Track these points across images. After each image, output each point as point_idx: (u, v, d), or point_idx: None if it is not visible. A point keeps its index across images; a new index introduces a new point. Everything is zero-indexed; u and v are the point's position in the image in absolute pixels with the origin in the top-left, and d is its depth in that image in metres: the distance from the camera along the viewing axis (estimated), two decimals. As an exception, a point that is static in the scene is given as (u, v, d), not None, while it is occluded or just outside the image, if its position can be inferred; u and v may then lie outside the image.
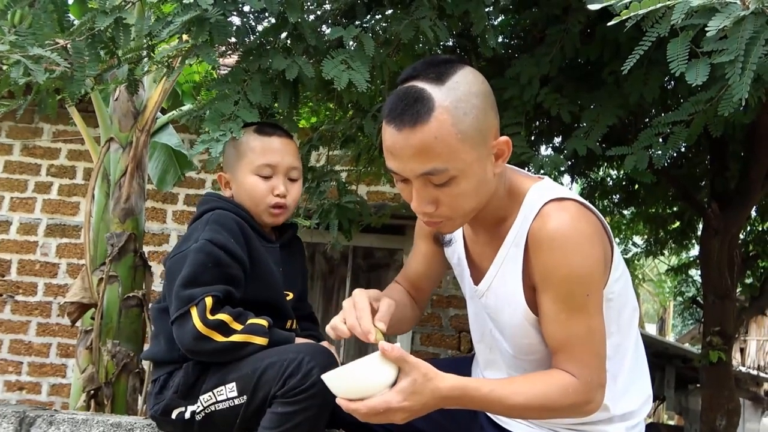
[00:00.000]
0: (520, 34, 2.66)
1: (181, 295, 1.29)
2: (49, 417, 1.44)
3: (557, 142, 3.09)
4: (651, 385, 1.33)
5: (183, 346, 1.29)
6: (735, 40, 1.06)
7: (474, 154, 1.08)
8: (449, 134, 1.05)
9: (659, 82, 2.07)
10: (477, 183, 1.10)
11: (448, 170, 1.06)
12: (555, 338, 1.15)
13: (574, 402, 1.13)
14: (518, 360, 1.27)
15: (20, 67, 1.41)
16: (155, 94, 3.33)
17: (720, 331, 3.12)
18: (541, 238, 1.13)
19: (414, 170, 1.07)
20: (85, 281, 3.13)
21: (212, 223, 1.36)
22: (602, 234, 1.17)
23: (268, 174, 1.44)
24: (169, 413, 1.33)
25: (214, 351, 1.28)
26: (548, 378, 1.14)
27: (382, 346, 1.00)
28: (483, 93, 1.11)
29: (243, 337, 1.28)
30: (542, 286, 1.15)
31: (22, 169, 5.12)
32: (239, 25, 1.72)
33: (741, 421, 3.61)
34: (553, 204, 1.15)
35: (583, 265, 1.12)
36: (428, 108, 1.04)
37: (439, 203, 1.11)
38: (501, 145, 1.12)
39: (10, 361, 4.91)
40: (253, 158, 1.44)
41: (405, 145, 1.06)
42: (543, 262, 1.13)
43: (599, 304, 1.15)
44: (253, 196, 1.44)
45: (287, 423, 1.21)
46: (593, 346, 1.14)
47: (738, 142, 3.01)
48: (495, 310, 1.25)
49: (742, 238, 3.79)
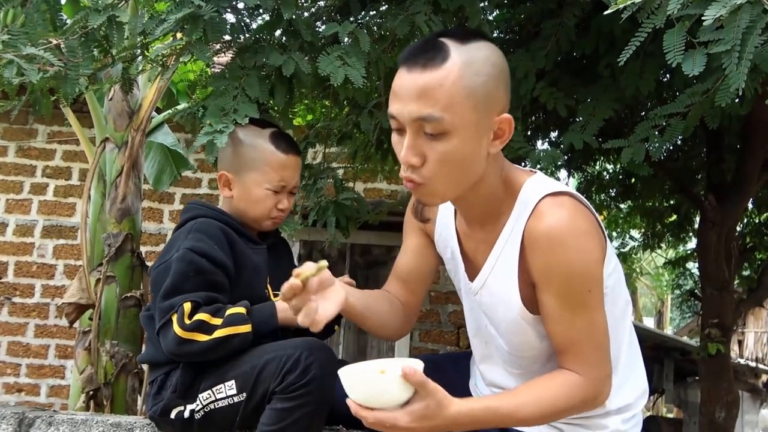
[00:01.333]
0: (515, 29, 2.66)
1: (162, 306, 1.31)
2: (48, 418, 1.44)
3: (553, 136, 3.10)
4: (647, 379, 1.33)
5: (170, 354, 1.31)
6: (731, 30, 1.06)
7: (473, 116, 1.06)
8: (455, 86, 1.04)
9: (655, 74, 2.07)
10: (468, 151, 1.08)
11: (443, 120, 1.04)
12: (560, 337, 1.15)
13: (582, 400, 1.14)
14: (513, 356, 1.26)
15: (13, 67, 1.40)
16: (150, 94, 3.31)
17: (718, 323, 3.13)
18: (539, 237, 1.12)
19: (411, 113, 1.06)
20: (82, 282, 3.12)
21: (194, 232, 1.36)
22: (598, 228, 1.16)
23: (278, 190, 1.45)
24: (168, 413, 1.32)
25: (201, 351, 1.28)
26: (552, 382, 1.14)
27: (404, 369, 1.00)
28: (500, 66, 1.11)
29: (226, 331, 1.28)
30: (543, 285, 1.14)
31: (18, 171, 5.10)
32: (233, 23, 1.71)
33: (740, 413, 3.62)
34: (548, 200, 1.13)
35: (583, 261, 1.11)
36: (442, 57, 1.05)
37: (425, 159, 1.08)
38: (503, 123, 1.10)
39: (9, 363, 4.89)
40: (269, 173, 1.44)
41: (410, 85, 1.06)
42: (542, 261, 1.12)
43: (601, 299, 1.15)
44: (257, 207, 1.45)
45: (286, 419, 1.21)
46: (597, 341, 1.15)
47: (734, 134, 3.01)
48: (489, 307, 1.25)
49: (739, 230, 3.79)
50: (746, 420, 7.10)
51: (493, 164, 1.16)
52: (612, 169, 4.00)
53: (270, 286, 1.46)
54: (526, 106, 2.26)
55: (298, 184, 1.51)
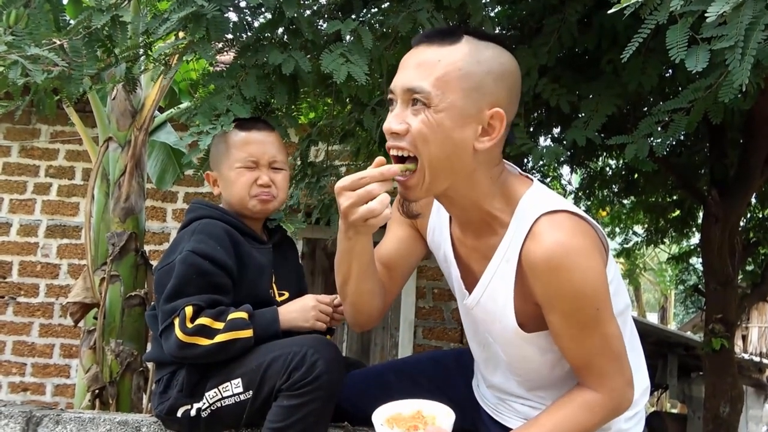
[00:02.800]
0: (517, 25, 2.65)
1: (165, 309, 1.33)
2: (56, 416, 1.44)
3: (556, 132, 3.09)
4: (649, 376, 1.33)
5: (172, 357, 1.33)
6: (734, 26, 1.06)
7: (461, 101, 1.08)
8: (451, 65, 1.08)
9: (657, 70, 2.06)
10: (449, 133, 1.08)
11: (430, 95, 1.07)
12: (573, 355, 1.15)
13: (605, 415, 1.14)
14: (512, 366, 1.26)
15: (18, 68, 1.41)
16: (152, 93, 3.32)
17: (722, 319, 3.12)
18: (538, 262, 1.09)
19: (404, 82, 1.10)
20: (87, 281, 3.13)
21: (198, 233, 1.38)
22: (598, 243, 1.14)
23: (251, 166, 1.46)
24: (175, 412, 1.33)
25: (202, 355, 1.30)
26: (571, 403, 1.14)
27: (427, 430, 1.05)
28: (507, 68, 1.12)
29: (227, 336, 1.29)
30: (548, 308, 1.12)
31: (21, 171, 5.12)
32: (236, 21, 1.71)
33: (744, 408, 3.62)
34: (545, 220, 1.11)
35: (587, 282, 1.09)
36: (451, 41, 1.10)
37: (409, 128, 1.09)
38: (494, 117, 1.09)
39: (14, 362, 4.92)
40: (235, 153, 1.47)
41: (412, 58, 1.11)
42: (544, 284, 1.10)
43: (610, 312, 1.14)
44: (238, 189, 1.46)
45: (293, 416, 1.22)
46: (612, 352, 1.14)
47: (736, 129, 3.01)
48: (486, 323, 1.24)
49: (742, 225, 3.79)
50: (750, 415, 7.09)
51: (485, 167, 1.13)
52: (615, 164, 3.99)
53: (275, 285, 1.47)
54: (528, 102, 2.26)
55: (279, 159, 1.49)
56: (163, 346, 1.34)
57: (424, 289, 5.18)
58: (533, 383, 1.26)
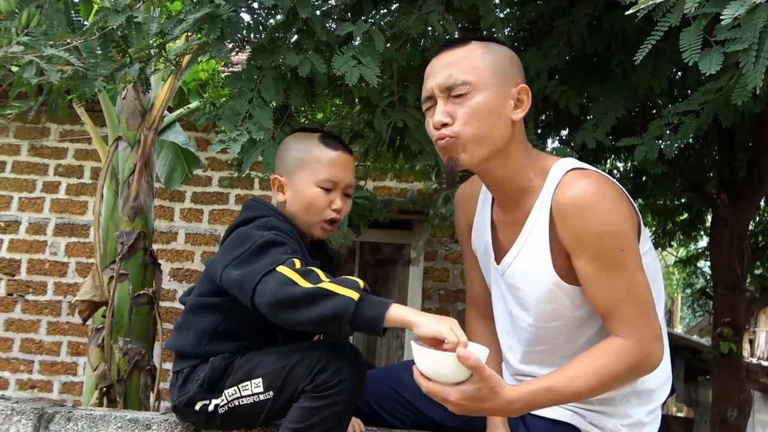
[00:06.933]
0: (526, 27, 2.65)
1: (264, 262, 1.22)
2: (67, 413, 1.46)
3: (564, 134, 3.09)
4: (672, 368, 1.33)
5: (266, 297, 1.18)
6: (749, 29, 1.06)
7: (494, 78, 1.21)
8: (474, 54, 1.23)
9: (668, 72, 2.06)
10: (491, 107, 1.20)
11: (468, 82, 1.20)
12: (600, 300, 1.18)
13: (632, 363, 1.15)
14: (540, 329, 1.28)
15: (33, 68, 1.42)
16: (162, 93, 3.34)
17: (730, 322, 3.11)
18: (565, 203, 1.18)
19: (440, 83, 1.22)
20: (95, 279, 3.15)
21: (271, 228, 1.32)
22: (625, 198, 1.21)
23: (329, 188, 1.41)
24: (193, 405, 1.33)
25: (298, 297, 1.15)
26: (598, 352, 1.16)
27: (458, 353, 1.05)
28: (515, 58, 1.28)
29: (332, 286, 1.15)
30: (575, 251, 1.18)
31: (30, 169, 5.15)
32: (249, 22, 1.72)
33: (751, 412, 3.61)
34: (573, 172, 1.21)
35: (611, 220, 1.16)
36: (464, 43, 1.26)
37: (454, 117, 1.21)
38: (522, 92, 1.24)
39: (22, 359, 4.95)
40: (319, 170, 1.41)
41: (438, 64, 1.25)
42: (571, 226, 1.17)
43: (637, 259, 1.17)
44: (310, 207, 1.41)
45: (313, 417, 1.21)
46: (639, 300, 1.16)
47: (746, 132, 2.99)
48: (519, 281, 1.28)
49: (751, 229, 3.77)
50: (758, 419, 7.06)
51: (519, 139, 1.25)
52: (623, 167, 3.98)
53: None
54: (537, 104, 2.26)
55: (353, 186, 1.46)
56: (257, 292, 1.19)
57: (430, 290, 5.18)
58: (554, 353, 1.27)
